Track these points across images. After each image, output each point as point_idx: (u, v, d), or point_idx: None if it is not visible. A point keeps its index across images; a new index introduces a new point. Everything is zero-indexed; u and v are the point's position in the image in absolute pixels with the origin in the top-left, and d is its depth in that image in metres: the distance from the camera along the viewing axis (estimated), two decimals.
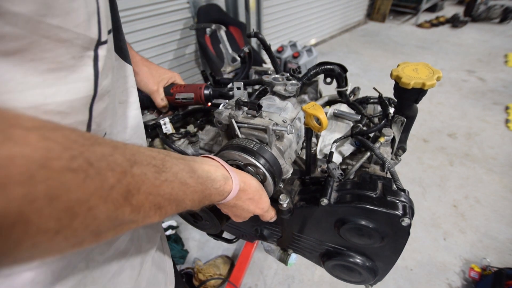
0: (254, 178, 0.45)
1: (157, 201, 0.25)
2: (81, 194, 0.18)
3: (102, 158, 0.21)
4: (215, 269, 1.37)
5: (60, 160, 0.18)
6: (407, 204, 0.47)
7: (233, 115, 0.51)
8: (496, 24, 4.70)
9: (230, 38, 2.22)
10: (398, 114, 0.60)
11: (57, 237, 0.18)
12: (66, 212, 0.18)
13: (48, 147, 0.17)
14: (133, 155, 0.24)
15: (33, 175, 0.16)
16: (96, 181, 0.19)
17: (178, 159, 0.31)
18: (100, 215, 0.20)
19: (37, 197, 0.16)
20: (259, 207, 0.45)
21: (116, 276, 0.40)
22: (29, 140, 0.16)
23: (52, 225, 0.17)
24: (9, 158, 0.15)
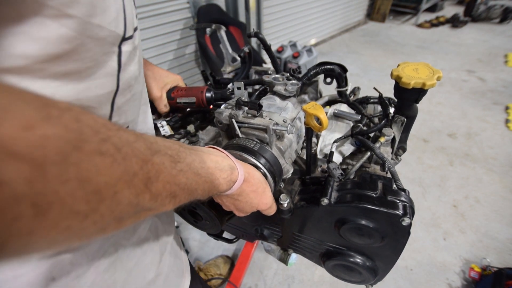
0: (258, 171, 0.45)
1: (173, 190, 0.26)
2: (109, 178, 0.19)
3: (128, 144, 0.21)
4: (216, 268, 1.37)
5: (91, 143, 0.18)
6: (407, 204, 0.47)
7: (234, 115, 0.51)
8: (496, 24, 4.70)
9: (230, 38, 2.22)
10: (398, 114, 0.61)
11: (86, 221, 0.18)
12: (95, 195, 0.18)
13: (80, 129, 0.18)
14: (152, 144, 0.25)
15: (67, 156, 0.17)
16: (122, 166, 0.20)
17: (190, 150, 0.32)
18: (124, 200, 0.20)
19: (70, 178, 0.17)
20: (262, 202, 0.45)
21: (141, 260, 0.43)
22: (63, 120, 0.17)
23: (83, 208, 0.17)
24: (46, 138, 0.16)
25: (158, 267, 0.46)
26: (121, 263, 0.39)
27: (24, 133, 0.15)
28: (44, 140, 0.15)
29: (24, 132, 0.15)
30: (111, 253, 0.37)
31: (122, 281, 0.39)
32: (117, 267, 0.38)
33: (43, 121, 0.16)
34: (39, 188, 0.15)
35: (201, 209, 0.52)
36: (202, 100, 0.71)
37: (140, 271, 0.42)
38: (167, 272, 0.49)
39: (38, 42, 0.23)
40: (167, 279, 0.49)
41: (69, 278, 0.32)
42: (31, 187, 0.15)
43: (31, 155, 0.15)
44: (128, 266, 0.40)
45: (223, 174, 0.36)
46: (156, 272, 0.46)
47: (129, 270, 0.40)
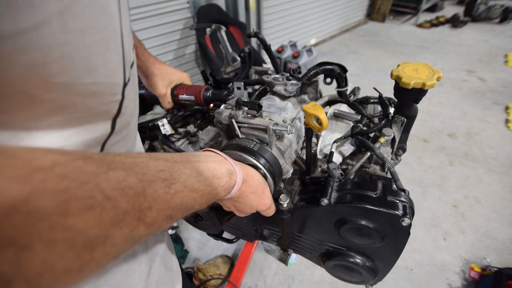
0: (257, 172, 0.45)
1: (168, 214, 0.26)
2: (98, 228, 0.18)
3: (117, 185, 0.21)
4: (215, 268, 1.37)
5: (78, 201, 0.18)
6: (407, 204, 0.47)
7: (233, 115, 0.51)
8: (496, 24, 4.70)
9: (230, 38, 2.22)
10: (398, 114, 0.60)
11: (82, 273, 0.18)
12: (85, 249, 0.18)
13: (66, 189, 0.17)
14: (144, 174, 0.24)
15: (54, 226, 0.16)
16: (112, 212, 0.20)
17: (185, 164, 0.30)
18: (117, 241, 0.20)
19: (57, 242, 0.16)
20: (262, 203, 0.44)
21: (127, 277, 0.41)
22: (48, 186, 0.16)
23: (75, 264, 0.17)
24: (30, 215, 0.15)
25: (146, 281, 0.44)
26: (104, 282, 0.37)
27: (7, 218, 0.14)
28: (29, 218, 0.15)
29: (7, 217, 0.14)
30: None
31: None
32: (100, 286, 0.36)
33: (28, 197, 0.15)
34: (27, 264, 0.15)
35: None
36: (200, 99, 0.74)
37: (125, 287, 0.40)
38: (155, 285, 0.47)
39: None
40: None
41: None
42: (19, 268, 0.15)
43: (16, 239, 0.15)
44: (113, 283, 0.38)
45: (221, 182, 0.35)
46: (144, 286, 0.44)
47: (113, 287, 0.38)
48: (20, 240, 0.15)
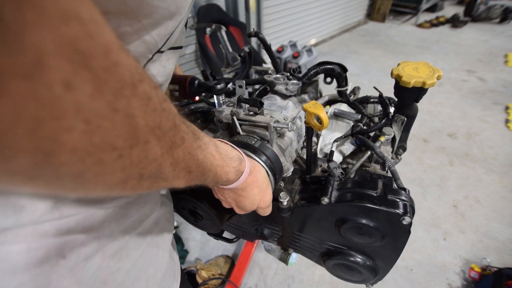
0: (262, 167, 0.45)
1: (190, 164, 0.27)
2: (146, 123, 0.19)
3: (166, 101, 0.22)
4: (217, 267, 1.37)
5: (144, 84, 0.19)
6: (407, 203, 0.47)
7: (235, 112, 0.51)
8: (496, 24, 4.70)
9: (230, 38, 2.22)
10: (398, 113, 0.61)
11: (117, 163, 0.18)
12: (132, 135, 0.18)
13: (138, 69, 0.19)
14: (177, 115, 0.25)
15: (123, 88, 0.17)
16: (158, 119, 0.21)
17: (204, 134, 0.32)
18: (151, 153, 0.21)
19: (119, 109, 0.17)
20: (264, 199, 0.45)
21: (145, 252, 0.43)
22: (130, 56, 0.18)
23: (120, 144, 0.18)
24: (116, 66, 0.17)
25: (156, 264, 0.47)
26: (127, 252, 0.39)
27: (103, 56, 0.16)
28: (114, 67, 0.16)
29: (104, 54, 0.16)
30: (119, 239, 0.38)
31: (125, 270, 0.39)
32: (123, 255, 0.39)
33: (119, 50, 0.17)
34: (96, 107, 0.16)
35: (201, 208, 0.52)
36: (185, 88, 0.71)
37: (142, 263, 0.43)
38: (163, 270, 0.49)
39: None
40: (163, 277, 0.49)
41: (78, 258, 0.33)
42: (90, 103, 0.15)
43: (100, 76, 0.16)
44: (133, 256, 0.41)
45: (233, 163, 0.36)
46: (155, 268, 0.46)
47: (133, 261, 0.41)
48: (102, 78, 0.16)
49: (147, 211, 0.44)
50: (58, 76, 0.14)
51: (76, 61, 0.14)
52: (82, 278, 0.33)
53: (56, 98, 0.14)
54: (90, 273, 0.34)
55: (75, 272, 0.32)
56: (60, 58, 0.14)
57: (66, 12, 0.14)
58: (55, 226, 0.30)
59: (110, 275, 0.37)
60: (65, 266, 0.31)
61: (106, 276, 0.36)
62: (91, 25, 0.15)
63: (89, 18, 0.15)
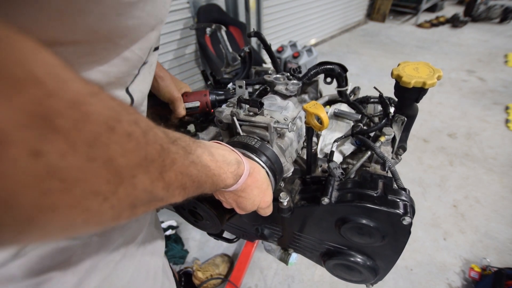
0: (262, 168, 0.45)
1: (184, 182, 0.26)
2: (129, 161, 0.19)
3: (151, 129, 0.22)
4: (214, 267, 1.36)
5: (123, 124, 0.19)
6: (408, 203, 0.47)
7: (235, 113, 0.51)
8: (496, 24, 4.70)
9: (230, 38, 2.22)
10: (398, 113, 0.61)
11: (105, 204, 0.18)
12: (115, 177, 0.18)
13: (116, 108, 0.18)
14: (169, 132, 0.25)
15: (99, 137, 0.17)
16: (143, 151, 0.20)
17: (199, 143, 0.32)
18: (140, 185, 0.20)
19: (96, 158, 0.16)
20: (264, 200, 0.44)
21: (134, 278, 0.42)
22: (103, 97, 0.18)
23: (103, 188, 0.17)
24: (87, 116, 0.16)
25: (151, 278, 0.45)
26: (113, 280, 0.37)
27: (70, 110, 0.15)
28: (85, 117, 0.16)
29: (71, 109, 0.15)
30: (102, 269, 0.36)
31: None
32: (110, 285, 0.37)
33: (89, 97, 0.16)
34: (69, 164, 0.15)
35: (201, 208, 0.52)
36: (207, 103, 0.70)
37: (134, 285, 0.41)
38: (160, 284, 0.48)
39: None
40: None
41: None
42: (63, 162, 0.15)
43: (70, 133, 0.15)
44: (122, 282, 0.39)
45: (231, 168, 0.36)
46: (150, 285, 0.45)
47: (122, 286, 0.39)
48: (72, 135, 0.15)
49: (133, 232, 0.42)
50: (23, 148, 0.13)
51: (40, 127, 0.14)
52: None
53: (25, 169, 0.13)
54: None
55: None
56: (22, 129, 0.13)
57: (17, 76, 0.13)
58: (24, 267, 0.28)
59: None
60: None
61: None
62: (49, 81, 0.14)
63: (46, 74, 0.14)
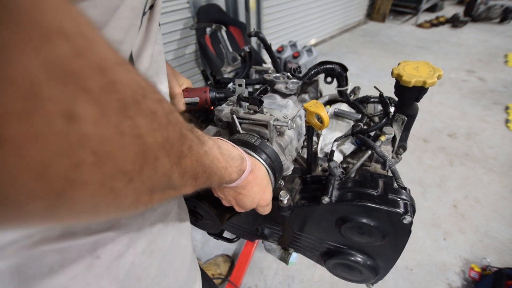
0: (262, 165, 0.45)
1: (197, 171, 0.26)
2: (154, 140, 0.19)
3: (171, 111, 0.21)
4: (216, 267, 1.36)
5: (148, 100, 0.18)
6: (408, 202, 0.47)
7: (235, 111, 0.51)
8: (496, 24, 4.70)
9: (230, 38, 2.22)
10: (398, 112, 0.61)
11: (129, 186, 0.18)
12: (141, 157, 0.17)
13: (141, 82, 0.18)
14: (184, 124, 0.25)
15: (127, 108, 0.16)
16: (165, 133, 0.20)
17: (208, 135, 0.32)
18: (160, 168, 0.20)
19: (126, 132, 0.16)
20: (264, 197, 0.44)
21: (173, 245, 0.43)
22: (129, 69, 0.17)
23: (130, 168, 0.17)
24: (114, 84, 0.15)
25: (181, 256, 0.47)
26: (156, 246, 0.39)
27: (98, 75, 0.14)
28: (112, 85, 0.15)
29: (98, 73, 0.14)
30: (147, 234, 0.38)
31: (156, 265, 0.39)
32: (153, 250, 0.38)
33: (116, 66, 0.16)
34: (102, 134, 0.14)
35: (201, 208, 0.52)
36: (206, 99, 0.71)
37: (170, 257, 0.43)
38: (188, 263, 0.49)
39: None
40: (189, 270, 0.50)
41: (112, 257, 0.32)
42: (96, 131, 0.14)
43: (100, 97, 0.14)
44: (162, 250, 0.40)
45: (235, 163, 0.36)
46: (181, 260, 0.47)
47: (162, 255, 0.40)
48: (102, 101, 0.14)
49: (171, 203, 0.44)
50: (57, 107, 0.12)
51: (71, 85, 0.13)
52: (118, 276, 0.33)
53: (60, 134, 0.12)
54: (124, 271, 0.34)
55: (111, 271, 0.32)
56: (54, 84, 0.12)
57: (46, 27, 0.12)
58: (84, 225, 0.30)
59: (143, 271, 0.37)
60: (100, 266, 0.31)
61: (140, 272, 0.36)
62: (78, 40, 0.13)
63: (75, 32, 0.13)
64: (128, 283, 0.34)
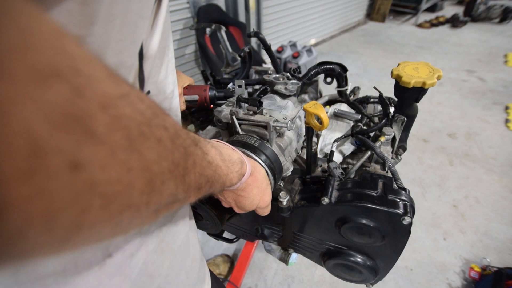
0: (262, 167, 0.45)
1: (200, 182, 0.26)
2: (161, 167, 0.18)
3: (176, 132, 0.21)
4: (215, 267, 1.37)
5: (152, 129, 0.17)
6: (408, 203, 0.47)
7: (234, 112, 0.51)
8: (496, 24, 4.70)
9: (230, 38, 2.22)
10: (398, 113, 0.61)
11: (136, 216, 0.17)
12: (149, 186, 0.17)
13: (144, 112, 0.17)
14: (189, 133, 0.24)
15: (133, 142, 0.15)
16: (171, 156, 0.19)
17: (210, 142, 0.32)
18: (167, 191, 0.19)
19: (133, 167, 0.15)
20: (263, 199, 0.44)
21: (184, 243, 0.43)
22: (132, 100, 0.16)
23: (137, 200, 0.16)
24: (118, 120, 0.15)
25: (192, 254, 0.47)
26: (167, 245, 0.39)
27: (102, 113, 0.13)
28: (117, 122, 0.14)
29: (102, 111, 0.13)
30: (158, 233, 0.38)
31: (168, 264, 0.39)
32: (164, 248, 0.39)
33: (118, 100, 0.15)
34: (110, 176, 0.14)
35: (201, 209, 0.52)
36: (205, 98, 0.71)
37: (181, 255, 0.43)
38: (198, 260, 0.49)
39: None
40: (199, 268, 0.50)
41: (124, 256, 0.32)
42: (104, 174, 0.13)
43: (106, 138, 0.13)
44: (173, 248, 0.41)
45: (236, 167, 0.36)
46: (191, 259, 0.47)
47: (173, 253, 0.41)
48: (109, 141, 0.14)
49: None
50: (62, 158, 0.11)
51: (76, 130, 0.12)
52: (130, 275, 0.33)
53: (66, 184, 0.12)
54: (137, 269, 0.34)
55: (123, 270, 0.32)
56: (57, 134, 0.11)
57: (40, 70, 0.11)
58: None
59: (155, 269, 0.37)
60: (112, 265, 0.31)
61: (152, 270, 0.36)
62: (75, 79, 0.12)
63: (71, 71, 0.12)
64: (140, 282, 0.35)
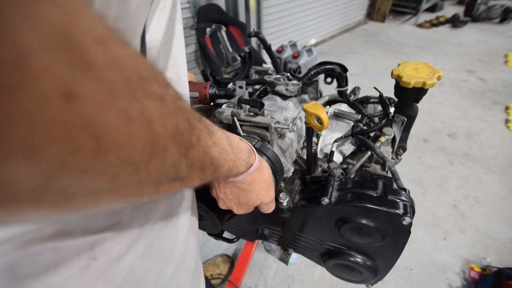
0: (267, 163, 0.45)
1: (204, 162, 0.25)
2: (165, 128, 0.17)
3: (179, 99, 0.20)
4: (215, 267, 1.37)
5: (152, 82, 0.16)
6: (408, 203, 0.47)
7: (235, 113, 0.51)
8: (496, 24, 4.70)
9: (230, 38, 2.22)
10: (398, 113, 0.61)
11: (134, 176, 0.16)
12: (151, 145, 0.16)
13: (144, 63, 0.16)
14: (194, 111, 0.24)
15: (134, 90, 0.14)
16: (175, 121, 0.18)
17: (217, 127, 0.30)
18: (169, 159, 0.19)
19: (134, 117, 0.14)
20: (268, 194, 0.44)
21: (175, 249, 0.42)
22: (128, 47, 0.15)
23: (137, 158, 0.15)
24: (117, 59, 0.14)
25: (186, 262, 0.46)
26: (158, 249, 0.37)
27: (98, 47, 0.12)
28: (116, 61, 0.13)
29: (98, 45, 0.12)
30: (147, 236, 0.36)
31: (158, 269, 0.37)
32: (154, 253, 0.37)
33: (114, 41, 0.14)
34: (106, 118, 0.13)
35: (202, 209, 0.52)
36: (205, 95, 0.71)
37: (174, 261, 0.41)
38: (192, 269, 0.48)
39: None
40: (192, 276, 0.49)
41: (110, 258, 0.31)
42: (100, 115, 0.12)
43: (104, 73, 0.12)
44: (164, 253, 0.39)
45: (243, 155, 0.35)
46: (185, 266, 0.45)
47: (165, 259, 0.39)
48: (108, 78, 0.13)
49: (175, 203, 0.41)
50: (54, 82, 0.10)
51: (71, 54, 0.11)
52: (115, 279, 0.31)
53: (55, 114, 0.11)
54: (123, 274, 0.32)
55: (108, 274, 0.30)
56: (51, 52, 0.10)
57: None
58: (82, 225, 0.28)
59: (143, 275, 0.35)
60: (97, 268, 0.29)
61: (139, 276, 0.34)
62: (68, 8, 0.11)
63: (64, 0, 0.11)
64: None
